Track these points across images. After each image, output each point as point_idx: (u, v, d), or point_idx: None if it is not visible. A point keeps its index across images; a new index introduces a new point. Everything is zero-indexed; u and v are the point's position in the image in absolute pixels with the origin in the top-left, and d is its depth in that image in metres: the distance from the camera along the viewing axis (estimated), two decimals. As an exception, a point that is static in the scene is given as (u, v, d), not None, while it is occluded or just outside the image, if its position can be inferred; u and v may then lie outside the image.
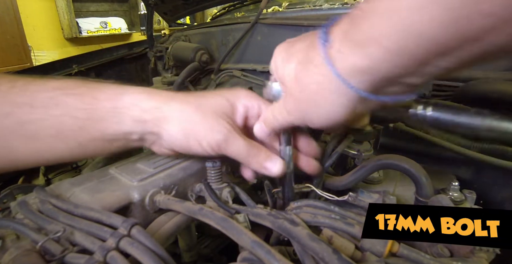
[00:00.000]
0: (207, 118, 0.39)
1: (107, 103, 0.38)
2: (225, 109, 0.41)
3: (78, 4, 3.81)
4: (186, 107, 0.39)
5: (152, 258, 0.30)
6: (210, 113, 0.39)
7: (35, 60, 3.42)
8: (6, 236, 0.33)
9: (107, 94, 0.38)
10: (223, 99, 0.41)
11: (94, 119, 0.37)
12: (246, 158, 0.41)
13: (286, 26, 1.01)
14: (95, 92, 0.38)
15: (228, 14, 1.54)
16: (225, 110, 0.41)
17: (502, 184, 0.60)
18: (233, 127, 0.40)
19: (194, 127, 0.38)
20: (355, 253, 0.36)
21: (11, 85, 0.36)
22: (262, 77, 1.06)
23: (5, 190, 0.63)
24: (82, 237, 0.32)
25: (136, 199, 0.41)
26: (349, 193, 0.46)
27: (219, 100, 0.41)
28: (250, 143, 0.41)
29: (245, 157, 0.41)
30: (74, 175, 0.86)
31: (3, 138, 0.35)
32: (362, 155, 0.53)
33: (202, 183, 0.45)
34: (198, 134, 0.38)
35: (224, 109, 0.41)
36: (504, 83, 0.66)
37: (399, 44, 0.24)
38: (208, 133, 0.38)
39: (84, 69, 1.35)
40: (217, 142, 0.38)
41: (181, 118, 0.38)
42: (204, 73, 1.28)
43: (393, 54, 0.25)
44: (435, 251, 0.38)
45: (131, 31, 4.28)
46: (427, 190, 0.44)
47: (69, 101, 0.36)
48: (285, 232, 0.35)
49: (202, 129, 0.38)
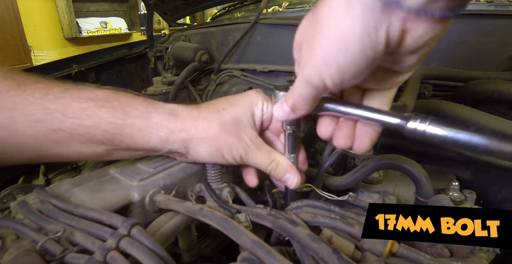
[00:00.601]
0: (231, 136, 0.41)
1: (137, 120, 0.40)
2: (246, 120, 0.43)
3: (78, 4, 3.81)
4: (211, 127, 0.41)
5: (152, 258, 0.30)
6: (234, 130, 0.42)
7: (35, 60, 3.42)
8: (6, 236, 0.33)
9: (138, 111, 0.40)
10: (243, 110, 0.43)
11: (123, 135, 0.39)
12: (267, 170, 0.43)
13: (286, 26, 1.01)
14: (126, 108, 0.40)
15: (228, 14, 1.54)
16: (246, 121, 0.43)
17: (502, 184, 0.60)
18: (253, 141, 0.43)
19: (219, 145, 0.41)
20: (355, 253, 0.36)
21: (45, 92, 0.37)
22: (262, 77, 1.06)
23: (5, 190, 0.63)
24: (82, 237, 0.32)
25: (136, 199, 0.41)
26: (349, 193, 0.46)
27: (239, 112, 0.43)
28: (269, 157, 0.43)
29: (265, 168, 0.43)
30: (74, 175, 0.86)
31: (34, 142, 0.38)
32: (362, 155, 0.54)
33: (202, 183, 0.45)
34: (223, 151, 0.42)
35: (245, 121, 0.43)
36: (504, 83, 0.66)
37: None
38: (231, 149, 0.41)
39: (84, 69, 1.35)
40: (240, 156, 0.42)
41: (206, 138, 0.41)
42: (204, 73, 1.28)
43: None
44: (435, 251, 0.38)
45: (131, 31, 4.28)
46: (427, 190, 0.44)
47: (101, 114, 0.38)
48: (285, 232, 0.35)
49: (226, 146, 0.41)
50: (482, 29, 0.79)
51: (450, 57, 0.82)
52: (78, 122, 0.38)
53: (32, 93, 0.37)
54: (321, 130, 0.39)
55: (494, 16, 0.78)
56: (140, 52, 1.56)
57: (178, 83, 1.11)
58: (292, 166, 0.43)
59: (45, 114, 0.37)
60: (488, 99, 0.67)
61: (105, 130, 0.39)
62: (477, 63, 0.80)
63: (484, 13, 0.79)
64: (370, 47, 0.26)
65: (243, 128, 0.42)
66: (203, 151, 0.42)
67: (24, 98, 0.36)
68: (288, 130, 0.42)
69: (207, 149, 0.42)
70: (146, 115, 0.40)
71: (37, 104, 0.37)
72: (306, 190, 0.48)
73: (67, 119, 0.37)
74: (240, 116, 0.42)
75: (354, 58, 0.27)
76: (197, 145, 0.42)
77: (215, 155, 0.42)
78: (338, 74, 0.29)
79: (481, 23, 0.79)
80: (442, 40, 0.86)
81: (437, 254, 0.38)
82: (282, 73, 1.05)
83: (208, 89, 1.17)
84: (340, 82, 0.30)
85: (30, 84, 0.37)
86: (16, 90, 0.36)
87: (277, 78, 1.06)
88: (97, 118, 0.38)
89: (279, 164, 0.43)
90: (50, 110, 0.37)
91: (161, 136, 0.40)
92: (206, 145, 0.41)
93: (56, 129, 0.37)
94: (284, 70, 1.04)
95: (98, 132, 0.39)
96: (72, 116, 0.37)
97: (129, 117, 0.40)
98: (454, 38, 0.81)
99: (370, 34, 0.25)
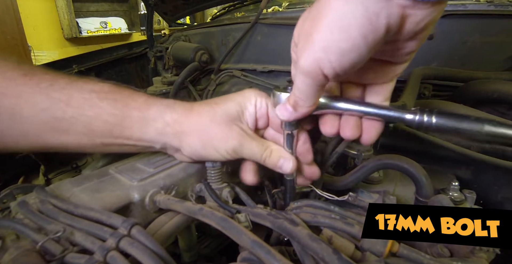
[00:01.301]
0: (221, 127, 0.42)
1: (137, 112, 0.41)
2: (237, 114, 0.43)
3: (78, 4, 3.81)
4: (202, 119, 0.42)
5: (152, 258, 0.30)
6: (224, 122, 0.42)
7: (35, 60, 3.42)
8: (6, 236, 0.33)
9: (138, 103, 0.42)
10: (234, 104, 0.44)
11: (122, 125, 0.41)
12: (261, 159, 0.43)
13: (286, 26, 1.01)
14: (127, 100, 0.42)
15: (228, 14, 1.54)
16: (237, 115, 0.43)
17: (502, 184, 0.60)
18: (246, 132, 0.43)
19: (210, 137, 0.42)
20: (355, 253, 0.36)
21: (50, 83, 0.39)
22: (262, 77, 1.06)
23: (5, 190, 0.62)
24: (82, 237, 0.32)
25: (136, 199, 0.41)
26: (349, 193, 0.46)
27: (230, 106, 0.43)
28: (263, 145, 0.43)
29: (259, 158, 0.43)
30: (74, 175, 0.86)
31: (37, 130, 0.39)
32: (362, 155, 0.54)
33: (202, 183, 0.45)
34: (215, 143, 0.42)
35: (236, 114, 0.43)
36: (504, 83, 0.66)
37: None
38: (224, 141, 0.42)
39: (84, 69, 1.35)
40: (233, 148, 0.42)
41: (198, 131, 0.42)
42: (204, 73, 1.28)
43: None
44: (435, 251, 0.38)
45: (131, 31, 4.27)
46: (427, 190, 0.44)
47: (102, 105, 0.40)
48: (285, 232, 0.35)
49: (218, 138, 0.42)
50: (482, 29, 0.79)
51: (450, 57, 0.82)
52: (80, 112, 0.39)
53: (38, 83, 0.38)
54: (326, 128, 0.39)
55: (494, 16, 0.78)
56: (140, 52, 1.56)
57: (178, 83, 1.12)
58: (285, 152, 0.43)
59: (49, 103, 0.38)
60: (488, 99, 0.67)
61: (106, 120, 0.40)
62: (477, 63, 0.80)
63: (484, 13, 0.79)
64: (372, 32, 0.27)
65: (234, 121, 0.43)
66: (194, 144, 0.42)
67: (30, 87, 0.38)
68: (287, 130, 0.42)
69: (198, 141, 0.42)
70: (145, 107, 0.42)
71: (42, 93, 0.38)
72: (306, 190, 0.48)
73: (70, 109, 0.39)
74: (231, 110, 0.43)
75: (356, 43, 0.28)
76: (189, 138, 0.42)
77: (207, 148, 0.42)
78: (338, 60, 0.29)
79: (481, 23, 0.79)
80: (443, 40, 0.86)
81: (437, 254, 0.38)
82: (282, 73, 1.05)
83: (208, 89, 1.17)
84: (339, 69, 0.30)
85: (37, 75, 0.39)
86: (22, 79, 0.38)
87: (277, 78, 1.06)
88: (99, 109, 0.40)
89: (273, 151, 0.43)
90: (54, 99, 0.38)
91: (158, 128, 0.42)
92: (197, 138, 0.42)
93: (59, 118, 0.39)
94: (284, 70, 1.04)
95: (99, 123, 0.40)
96: (75, 106, 0.39)
97: (129, 108, 0.41)
98: (454, 38, 0.81)
99: (372, 20, 0.26)
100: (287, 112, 0.38)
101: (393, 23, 0.27)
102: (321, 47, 0.29)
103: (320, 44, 0.29)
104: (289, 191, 0.46)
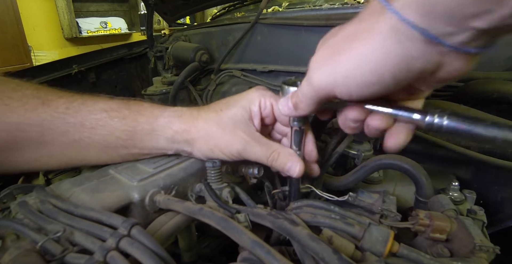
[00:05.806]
0: (226, 133, 0.44)
1: (146, 126, 0.45)
2: (242, 118, 0.45)
3: (78, 4, 3.81)
4: (209, 126, 0.45)
5: (152, 258, 0.30)
6: (229, 128, 0.44)
7: (35, 60, 3.42)
8: (6, 236, 0.33)
9: (146, 117, 0.45)
10: (239, 109, 0.45)
11: (134, 139, 0.45)
12: (267, 162, 0.44)
13: (286, 26, 1.01)
14: (136, 116, 0.45)
15: (228, 14, 1.54)
16: (242, 119, 0.45)
17: (502, 184, 0.60)
18: (250, 136, 0.44)
19: (217, 142, 0.44)
20: (355, 253, 0.36)
21: (66, 107, 0.43)
22: (262, 77, 1.06)
23: (5, 190, 0.62)
24: (82, 237, 0.32)
25: (136, 199, 0.41)
26: (349, 193, 0.46)
27: (235, 111, 0.45)
28: (269, 148, 0.44)
29: (265, 161, 0.44)
30: (74, 175, 0.86)
31: (60, 151, 0.44)
32: (362, 155, 0.54)
33: (202, 183, 0.45)
34: (221, 147, 0.44)
35: (241, 119, 0.45)
36: (504, 83, 0.66)
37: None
38: (229, 145, 0.44)
39: (84, 69, 1.34)
40: (237, 151, 0.44)
41: (205, 137, 0.45)
42: (204, 73, 1.28)
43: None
44: (435, 251, 0.38)
45: (131, 31, 4.28)
46: (427, 190, 0.44)
47: (113, 124, 0.44)
48: (285, 232, 0.35)
49: (223, 143, 0.44)
50: (482, 29, 0.78)
51: (450, 57, 0.82)
52: (94, 131, 0.44)
53: (55, 109, 0.43)
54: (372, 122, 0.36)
55: (494, 16, 0.78)
56: (140, 52, 1.55)
57: (178, 83, 1.11)
58: (293, 154, 0.43)
59: (67, 127, 0.43)
60: (488, 99, 0.67)
61: (118, 137, 0.44)
62: (477, 63, 0.80)
63: (484, 13, 0.79)
64: (403, 73, 0.27)
65: (239, 125, 0.44)
66: (203, 149, 0.45)
67: (49, 114, 0.42)
68: (295, 127, 0.41)
69: (206, 146, 0.45)
70: (153, 120, 0.45)
71: (59, 118, 0.43)
72: (306, 190, 0.48)
73: (85, 130, 0.43)
74: (236, 115, 0.45)
75: (383, 80, 0.27)
76: (198, 144, 0.45)
77: (215, 152, 0.44)
78: (358, 91, 0.29)
79: (481, 23, 0.79)
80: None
81: (437, 254, 0.38)
82: (282, 73, 1.05)
83: (208, 89, 1.17)
84: (356, 96, 0.30)
85: (53, 100, 0.43)
86: (42, 108, 0.42)
87: (277, 78, 1.06)
88: (110, 127, 0.44)
89: (280, 154, 0.43)
90: (71, 123, 0.43)
91: (167, 137, 0.45)
92: (205, 143, 0.44)
93: (77, 139, 0.44)
94: (284, 70, 1.04)
95: (112, 139, 0.44)
96: (89, 127, 0.43)
97: (138, 124, 0.45)
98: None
99: (408, 63, 0.26)
100: (288, 108, 0.38)
101: (428, 70, 0.27)
102: (343, 74, 0.29)
103: (344, 70, 0.29)
104: (293, 191, 0.46)
